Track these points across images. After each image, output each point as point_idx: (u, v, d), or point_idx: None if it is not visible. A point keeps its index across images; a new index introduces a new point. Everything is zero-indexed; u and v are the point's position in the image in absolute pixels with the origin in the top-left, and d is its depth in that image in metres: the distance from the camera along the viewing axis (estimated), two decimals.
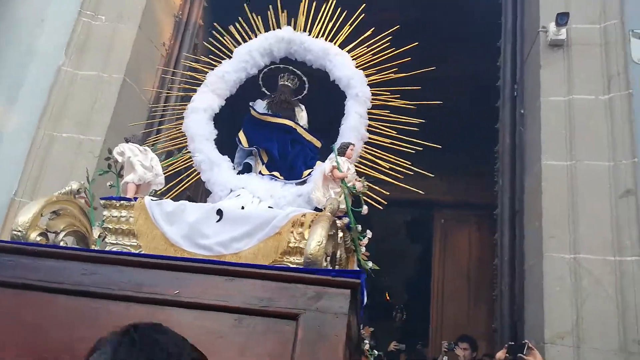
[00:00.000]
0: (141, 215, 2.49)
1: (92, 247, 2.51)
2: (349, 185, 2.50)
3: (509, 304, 3.66)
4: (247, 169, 3.31)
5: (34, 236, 2.19)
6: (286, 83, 3.59)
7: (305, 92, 3.67)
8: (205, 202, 3.12)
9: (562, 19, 3.44)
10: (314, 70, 3.57)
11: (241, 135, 3.41)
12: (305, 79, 3.62)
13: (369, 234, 2.52)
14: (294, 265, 2.26)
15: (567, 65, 3.58)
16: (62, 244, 2.31)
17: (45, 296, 1.72)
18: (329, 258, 2.02)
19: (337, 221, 2.30)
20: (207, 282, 1.68)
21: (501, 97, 4.33)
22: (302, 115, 3.60)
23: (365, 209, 2.52)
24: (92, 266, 1.78)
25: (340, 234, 2.33)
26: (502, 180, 4.02)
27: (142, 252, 2.39)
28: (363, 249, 2.54)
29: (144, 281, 1.71)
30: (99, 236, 2.57)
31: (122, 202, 2.59)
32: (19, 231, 2.15)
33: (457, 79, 6.39)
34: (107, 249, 2.49)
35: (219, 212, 2.43)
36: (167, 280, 1.70)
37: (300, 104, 3.61)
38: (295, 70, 3.58)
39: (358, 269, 2.57)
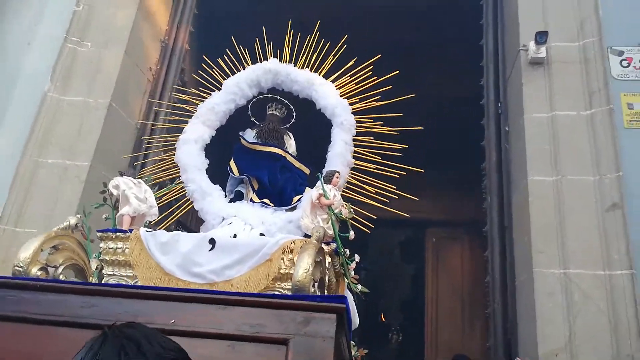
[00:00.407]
0: (137, 246, 2.57)
1: (90, 279, 2.58)
2: (335, 211, 2.61)
3: (502, 321, 3.64)
4: (238, 196, 3.41)
5: (34, 271, 2.28)
6: (274, 112, 3.71)
7: (292, 120, 3.80)
8: (198, 230, 3.22)
9: (541, 37, 3.52)
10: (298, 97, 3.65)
11: (232, 164, 3.50)
12: (292, 107, 3.75)
13: (357, 258, 2.60)
14: (285, 291, 2.35)
15: (548, 83, 3.64)
16: (61, 277, 2.40)
17: (46, 329, 1.82)
18: (316, 284, 2.08)
19: (325, 247, 2.41)
20: (201, 311, 1.76)
21: (485, 115, 4.38)
22: (290, 143, 3.72)
23: (352, 235, 2.62)
24: (90, 299, 1.86)
25: (329, 259, 2.43)
26: (490, 196, 4.04)
27: (138, 283, 2.50)
28: (352, 273, 2.60)
29: (141, 311, 1.79)
30: (96, 268, 2.66)
31: (117, 234, 2.67)
32: (21, 267, 2.24)
33: (442, 99, 6.51)
34: (105, 280, 2.58)
35: (212, 241, 2.52)
36: (163, 310, 1.78)
37: (288, 132, 3.74)
38: (283, 99, 3.70)
39: (349, 292, 2.63)
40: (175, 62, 5.18)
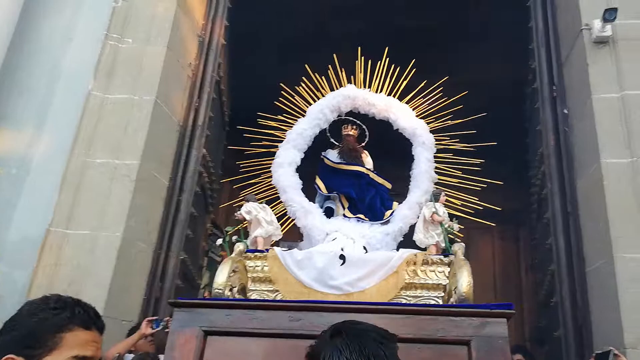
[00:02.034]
0: (274, 263, 2.91)
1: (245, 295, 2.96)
2: (446, 226, 2.98)
3: (571, 309, 3.52)
4: (328, 212, 3.71)
5: (227, 292, 2.63)
6: (350, 133, 4.09)
7: (367, 139, 4.19)
8: (296, 245, 3.55)
9: (610, 14, 3.39)
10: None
11: (319, 182, 3.85)
12: (364, 127, 4.16)
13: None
14: (410, 299, 2.79)
15: (616, 62, 3.51)
16: (237, 295, 2.78)
17: (261, 341, 2.21)
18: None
19: (445, 259, 2.87)
20: (388, 321, 2.05)
21: (540, 98, 4.26)
22: (367, 161, 4.06)
23: (462, 245, 2.90)
24: (296, 313, 2.21)
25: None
26: (551, 182, 3.92)
27: (280, 296, 2.87)
28: None
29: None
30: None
31: (256, 253, 3.02)
32: (220, 289, 2.57)
33: (488, 84, 6.38)
34: (248, 295, 2.93)
35: (342, 257, 2.88)
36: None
37: (365, 150, 4.09)
38: (356, 120, 4.11)
39: None
40: (213, 57, 5.10)
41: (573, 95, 3.89)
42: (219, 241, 3.23)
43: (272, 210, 3.51)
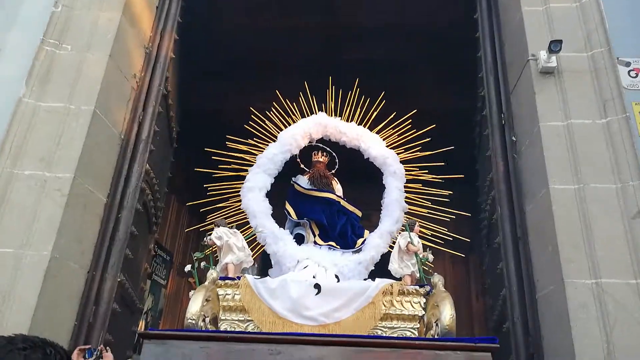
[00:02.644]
0: (247, 292, 2.86)
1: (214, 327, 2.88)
2: (420, 256, 3.04)
3: (523, 335, 3.50)
4: (299, 239, 3.68)
5: (200, 323, 2.53)
6: (320, 159, 4.16)
7: (336, 167, 4.28)
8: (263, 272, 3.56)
9: (555, 46, 3.51)
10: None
11: (288, 207, 3.83)
12: (334, 154, 4.25)
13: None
14: (387, 330, 2.77)
15: (561, 91, 3.63)
16: (209, 327, 2.67)
17: None
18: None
19: (421, 289, 2.95)
20: (376, 354, 2.08)
21: (489, 126, 4.33)
22: (337, 188, 4.12)
23: (437, 277, 2.96)
24: (277, 346, 2.14)
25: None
26: (501, 207, 3.95)
27: (251, 326, 2.80)
28: None
29: (324, 356, 2.11)
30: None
31: (227, 281, 2.95)
32: (193, 320, 2.45)
33: (435, 113, 6.51)
34: (219, 325, 2.83)
35: (317, 286, 2.86)
36: (342, 355, 2.11)
37: (335, 178, 4.15)
38: (326, 147, 4.21)
39: None
40: (160, 69, 4.86)
41: (521, 123, 3.98)
42: (188, 267, 3.15)
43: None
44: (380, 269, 3.57)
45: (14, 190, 3.59)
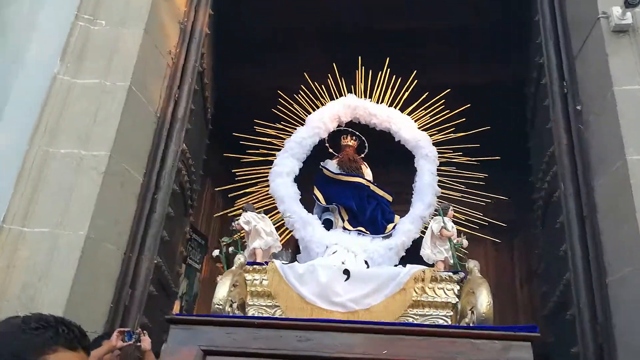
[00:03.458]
0: (274, 277, 2.79)
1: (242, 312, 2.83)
2: (454, 242, 2.91)
3: (590, 323, 3.17)
4: (328, 224, 3.60)
5: (227, 308, 2.47)
6: (349, 143, 4.04)
7: (366, 150, 4.13)
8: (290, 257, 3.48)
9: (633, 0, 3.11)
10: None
11: (317, 192, 3.74)
12: (364, 138, 4.10)
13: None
14: (418, 317, 2.68)
15: (638, 52, 3.23)
16: (236, 312, 2.63)
17: None
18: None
19: (454, 276, 2.81)
20: (407, 342, 1.99)
21: (549, 95, 3.96)
22: (367, 172, 3.98)
23: (471, 263, 2.80)
24: (305, 333, 2.06)
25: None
26: (565, 184, 3.59)
27: (279, 312, 2.75)
28: None
29: (355, 344, 2.03)
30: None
31: (255, 266, 2.88)
32: (220, 305, 2.39)
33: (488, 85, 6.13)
34: (247, 311, 2.79)
35: (346, 272, 2.76)
36: (374, 343, 2.02)
37: (364, 162, 4.01)
38: (355, 131, 4.07)
39: None
40: (195, 45, 4.69)
41: (588, 90, 3.59)
42: (216, 252, 3.10)
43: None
44: (412, 255, 3.43)
45: (50, 169, 3.49)
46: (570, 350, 3.27)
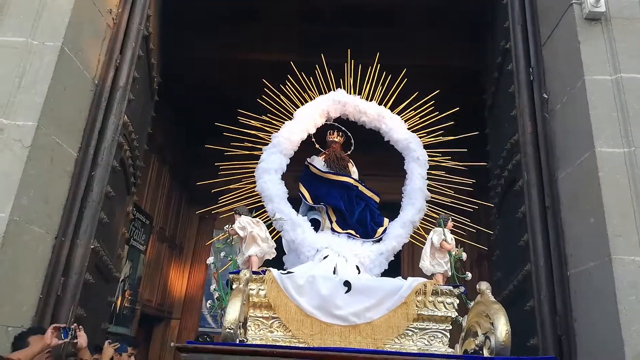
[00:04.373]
0: (272, 287, 2.71)
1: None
2: (454, 254, 2.92)
3: (550, 316, 3.15)
4: (315, 224, 3.50)
5: (240, 331, 2.34)
6: (336, 139, 3.94)
7: (352, 148, 4.06)
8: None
9: None
10: None
11: (303, 190, 3.61)
12: (350, 134, 3.99)
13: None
14: (417, 331, 2.71)
15: (609, 41, 3.16)
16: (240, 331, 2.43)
17: None
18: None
19: (455, 290, 2.84)
20: None
21: (515, 82, 3.86)
22: (354, 170, 3.89)
23: (469, 276, 2.98)
24: None
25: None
26: (528, 173, 3.53)
27: (277, 324, 2.69)
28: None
29: None
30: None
31: (249, 270, 2.73)
32: (232, 329, 2.22)
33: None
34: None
35: (347, 284, 2.71)
36: None
37: (350, 160, 3.92)
38: (341, 127, 3.97)
39: None
40: (140, 7, 4.20)
41: (556, 79, 3.52)
42: (210, 260, 2.98)
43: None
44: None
45: None
46: (529, 341, 3.25)
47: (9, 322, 2.93)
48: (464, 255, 2.94)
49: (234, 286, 2.72)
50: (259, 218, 3.18)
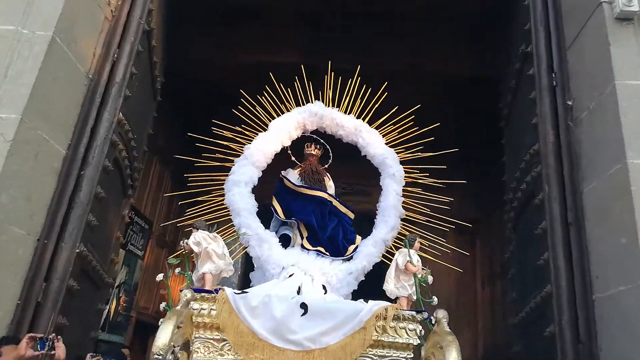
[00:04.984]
0: (224, 308, 2.56)
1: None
2: (419, 277, 2.80)
3: (572, 343, 2.85)
4: (285, 239, 3.42)
5: (169, 357, 2.20)
6: (313, 152, 3.84)
7: (330, 161, 3.94)
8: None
9: None
10: None
11: (276, 204, 3.53)
12: (328, 147, 3.89)
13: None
14: (377, 358, 2.55)
15: None
16: (178, 356, 2.35)
17: None
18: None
19: (417, 315, 2.69)
20: None
21: (537, 88, 3.59)
22: (330, 185, 3.80)
23: (435, 300, 2.84)
24: None
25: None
26: (549, 186, 3.25)
27: (227, 346, 2.52)
28: None
29: None
30: None
31: (203, 294, 2.62)
32: (160, 355, 2.12)
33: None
34: (191, 346, 2.55)
35: (303, 306, 2.58)
36: None
37: (327, 174, 3.84)
38: (319, 139, 3.88)
39: None
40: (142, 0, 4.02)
41: (582, 84, 3.26)
42: (160, 277, 2.83)
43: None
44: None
45: None
46: None
47: None
48: (430, 279, 2.80)
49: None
50: (225, 232, 3.13)
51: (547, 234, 3.16)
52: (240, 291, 2.71)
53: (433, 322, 2.59)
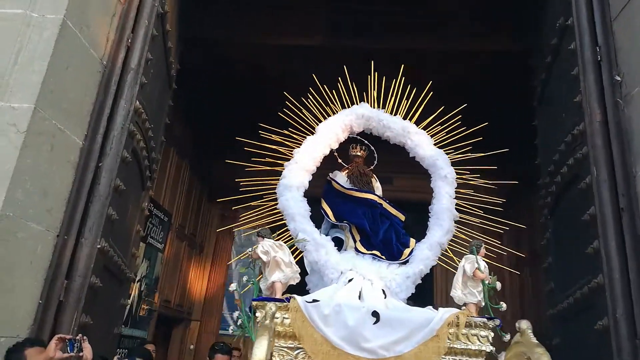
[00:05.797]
0: (298, 317, 2.62)
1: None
2: (487, 283, 2.85)
3: (629, 339, 2.64)
4: (337, 242, 3.39)
5: None
6: (358, 153, 3.87)
7: (375, 162, 3.95)
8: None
9: None
10: None
11: (326, 207, 3.54)
12: (373, 148, 3.90)
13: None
14: None
15: None
16: None
17: None
18: None
19: (490, 322, 2.73)
20: None
21: (580, 63, 3.34)
22: (377, 186, 3.80)
23: (504, 306, 2.88)
24: None
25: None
26: (597, 169, 3.01)
27: (302, 354, 2.57)
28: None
29: None
30: None
31: (276, 303, 2.67)
32: None
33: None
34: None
35: (375, 314, 2.62)
36: None
37: (374, 175, 3.86)
38: (364, 140, 3.88)
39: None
40: None
41: (632, 57, 3.00)
42: (233, 287, 2.90)
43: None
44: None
45: None
46: None
47: (1, 332, 2.58)
48: (499, 285, 2.84)
49: (257, 314, 2.63)
50: (282, 235, 3.12)
51: (597, 221, 2.93)
52: (310, 299, 2.74)
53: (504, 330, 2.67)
